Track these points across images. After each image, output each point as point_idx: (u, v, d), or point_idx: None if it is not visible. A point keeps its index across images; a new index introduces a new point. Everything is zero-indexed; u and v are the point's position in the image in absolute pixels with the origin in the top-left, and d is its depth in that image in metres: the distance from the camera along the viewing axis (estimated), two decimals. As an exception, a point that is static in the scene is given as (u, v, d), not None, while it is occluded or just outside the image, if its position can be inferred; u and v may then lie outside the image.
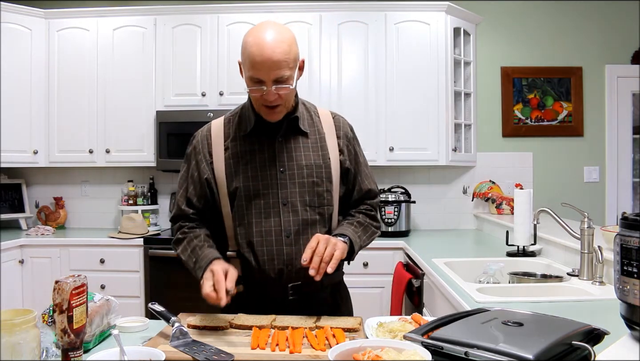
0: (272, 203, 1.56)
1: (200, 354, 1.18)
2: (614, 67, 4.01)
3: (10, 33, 3.66)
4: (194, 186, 1.61)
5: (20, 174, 4.10)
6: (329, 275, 1.59)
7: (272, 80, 1.45)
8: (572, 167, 4.04)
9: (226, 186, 1.58)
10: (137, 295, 3.46)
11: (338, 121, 1.68)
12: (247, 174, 1.56)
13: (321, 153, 1.61)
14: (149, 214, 3.89)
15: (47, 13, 3.80)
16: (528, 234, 2.61)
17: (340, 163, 1.63)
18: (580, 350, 1.00)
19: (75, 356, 1.15)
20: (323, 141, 1.62)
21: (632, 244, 1.13)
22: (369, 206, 1.69)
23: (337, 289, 1.70)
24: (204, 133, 1.66)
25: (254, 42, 1.45)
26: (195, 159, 1.63)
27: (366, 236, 1.64)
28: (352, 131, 1.71)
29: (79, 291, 1.15)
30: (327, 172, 1.60)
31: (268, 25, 1.48)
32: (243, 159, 1.58)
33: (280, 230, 1.55)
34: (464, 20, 3.82)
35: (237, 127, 1.62)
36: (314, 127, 1.64)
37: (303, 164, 1.58)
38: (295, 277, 1.55)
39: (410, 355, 1.03)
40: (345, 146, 1.65)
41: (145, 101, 3.75)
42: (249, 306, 1.54)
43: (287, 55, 1.44)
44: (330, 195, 1.60)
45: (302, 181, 1.57)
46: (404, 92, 3.67)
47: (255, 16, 3.68)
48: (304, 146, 1.60)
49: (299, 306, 1.54)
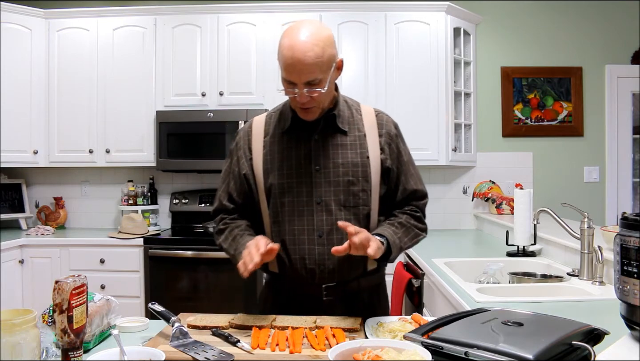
0: (306, 201, 1.54)
1: (200, 354, 1.18)
2: (614, 67, 4.01)
3: (10, 33, 3.66)
4: (235, 182, 1.63)
5: (20, 174, 4.10)
6: (366, 277, 1.60)
7: (304, 83, 1.43)
8: (572, 167, 4.04)
9: (263, 182, 1.58)
10: (137, 295, 3.46)
11: (381, 118, 1.63)
12: (283, 172, 1.56)
13: (359, 151, 1.56)
14: (149, 214, 3.89)
15: (47, 13, 3.80)
16: (528, 234, 2.61)
17: (381, 162, 1.58)
18: (580, 350, 1.00)
19: (75, 356, 1.15)
20: (363, 139, 1.58)
21: (632, 244, 1.13)
22: (415, 207, 1.63)
23: (375, 291, 1.67)
24: (246, 129, 1.67)
25: (287, 44, 1.43)
26: (236, 155, 1.65)
27: (408, 238, 1.58)
28: (397, 129, 1.65)
29: (79, 291, 1.15)
30: (364, 171, 1.55)
31: (303, 26, 1.45)
32: (280, 156, 1.57)
33: (313, 229, 1.54)
34: (464, 20, 3.82)
35: (277, 124, 1.62)
36: (354, 125, 1.60)
37: (339, 163, 1.55)
38: (329, 277, 1.54)
39: (410, 355, 1.03)
40: (387, 144, 1.59)
41: (145, 101, 3.75)
42: (285, 306, 1.55)
43: (319, 58, 1.41)
44: (367, 195, 1.56)
45: (337, 179, 1.54)
46: (404, 92, 3.67)
47: (255, 16, 3.69)
48: (342, 144, 1.57)
49: (334, 307, 1.52)
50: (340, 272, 1.53)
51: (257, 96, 3.69)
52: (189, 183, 4.09)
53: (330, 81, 1.49)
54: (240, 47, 3.71)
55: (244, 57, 3.70)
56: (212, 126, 3.64)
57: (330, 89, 1.51)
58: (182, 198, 3.97)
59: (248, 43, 3.70)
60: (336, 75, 1.53)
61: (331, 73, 1.48)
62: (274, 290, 1.66)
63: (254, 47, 3.70)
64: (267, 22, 3.69)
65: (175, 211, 3.98)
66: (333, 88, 1.56)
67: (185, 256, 3.42)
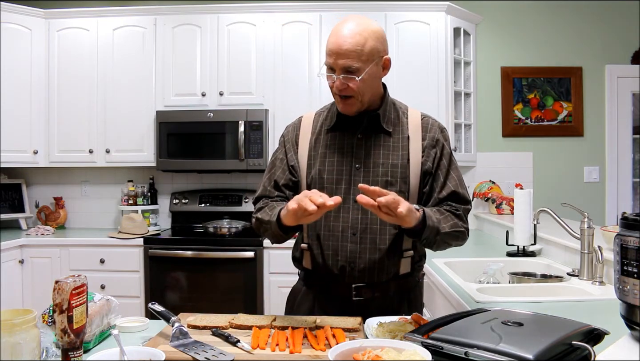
0: (344, 198, 1.53)
1: (200, 354, 1.18)
2: (614, 67, 4.01)
3: (10, 33, 3.66)
4: (282, 170, 1.64)
5: (20, 174, 4.10)
6: (398, 281, 1.58)
7: (340, 68, 1.46)
8: (572, 167, 4.04)
9: (305, 177, 1.61)
10: (137, 295, 3.46)
11: (427, 122, 1.63)
12: (324, 167, 1.58)
13: (401, 153, 1.57)
14: (149, 214, 3.89)
15: (47, 13, 3.80)
16: (528, 234, 2.61)
17: (421, 165, 1.57)
18: (580, 350, 1.00)
19: (75, 356, 1.15)
20: (406, 141, 1.59)
21: (632, 244, 1.13)
22: (455, 206, 1.57)
23: (406, 296, 1.63)
24: (296, 124, 1.70)
25: (334, 30, 1.49)
26: (284, 147, 1.67)
27: (448, 224, 1.49)
28: (443, 133, 1.63)
29: (79, 291, 1.15)
30: (403, 172, 1.56)
31: (354, 17, 1.51)
32: (323, 152, 1.60)
33: (348, 226, 1.55)
34: (464, 20, 3.82)
35: (324, 121, 1.64)
36: (399, 127, 1.61)
37: (380, 163, 1.56)
38: (359, 277, 1.54)
39: (410, 355, 1.03)
40: (430, 147, 1.59)
41: (145, 101, 3.75)
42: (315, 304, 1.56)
43: (359, 46, 1.44)
44: (404, 197, 1.51)
45: (376, 179, 1.54)
46: (403, 92, 3.64)
47: (255, 16, 3.69)
48: (385, 145, 1.58)
49: (364, 309, 1.51)
50: (371, 273, 1.54)
51: (257, 96, 3.69)
52: (189, 183, 4.09)
53: (371, 76, 1.50)
54: (240, 47, 3.71)
55: (244, 57, 3.70)
56: (212, 126, 3.64)
57: (369, 83, 1.51)
58: (182, 198, 3.97)
59: (248, 43, 3.70)
60: (380, 72, 1.55)
61: (372, 66, 1.48)
62: (306, 286, 1.67)
63: (254, 47, 3.70)
64: (267, 22, 3.69)
65: (175, 211, 3.98)
66: (375, 84, 1.56)
67: (185, 256, 3.42)
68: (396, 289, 1.59)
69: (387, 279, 1.56)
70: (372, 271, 1.54)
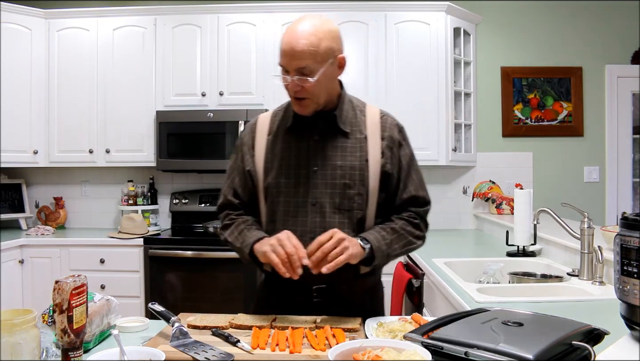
0: (302, 202, 1.52)
1: (200, 354, 1.18)
2: (614, 67, 4.01)
3: (10, 33, 3.66)
4: (239, 177, 1.62)
5: (20, 174, 4.10)
6: (358, 281, 1.58)
7: (294, 69, 1.44)
8: (572, 167, 4.04)
9: (262, 180, 1.57)
10: (137, 295, 3.46)
11: (385, 121, 1.60)
12: (281, 171, 1.55)
13: (359, 154, 1.53)
14: (149, 214, 3.89)
15: (47, 13, 3.80)
16: (528, 234, 2.61)
17: (381, 166, 1.54)
18: (580, 350, 1.00)
19: (75, 356, 1.15)
20: (364, 141, 1.55)
21: (632, 244, 1.13)
22: (414, 213, 1.57)
23: (368, 295, 1.63)
24: (251, 126, 1.66)
25: (288, 30, 1.47)
26: (241, 151, 1.64)
27: (399, 245, 1.52)
28: (401, 133, 1.60)
29: (79, 291, 1.15)
30: (361, 174, 1.52)
31: (309, 16, 1.50)
32: (280, 154, 1.56)
33: (306, 231, 1.51)
34: (463, 20, 3.82)
35: (281, 122, 1.61)
36: (356, 127, 1.56)
37: (337, 165, 1.52)
38: (319, 279, 1.51)
39: (410, 355, 1.03)
40: (389, 148, 1.56)
41: (145, 101, 3.75)
42: (275, 308, 1.53)
43: (313, 47, 1.42)
44: (363, 199, 1.52)
45: (334, 182, 1.52)
46: (404, 93, 3.66)
47: (255, 16, 3.69)
48: (342, 146, 1.54)
49: (325, 310, 1.50)
50: (330, 274, 1.50)
51: (257, 96, 3.69)
52: (189, 183, 4.09)
53: (327, 76, 1.47)
54: (240, 47, 3.71)
55: (244, 57, 3.70)
56: (212, 126, 3.64)
57: (325, 84, 1.48)
58: (182, 198, 3.97)
59: (248, 43, 3.70)
60: (336, 72, 1.52)
61: (327, 66, 1.46)
62: (267, 290, 1.65)
63: (254, 47, 3.70)
64: (267, 22, 3.69)
65: (175, 211, 3.98)
66: (330, 84, 1.53)
67: (185, 256, 3.42)
68: (357, 289, 1.58)
69: (347, 280, 1.55)
70: (332, 273, 1.49)
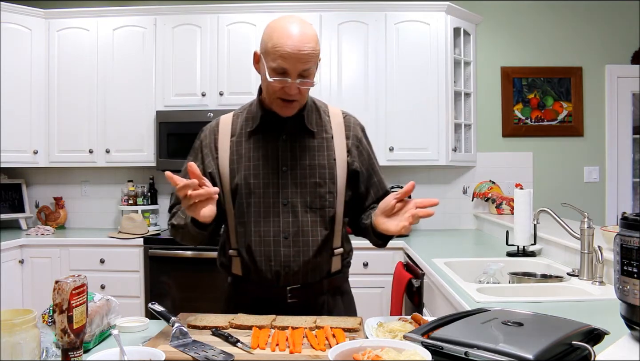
0: (273, 202, 1.53)
1: (200, 354, 1.18)
2: (614, 67, 4.01)
3: (10, 33, 3.66)
4: None
5: (20, 174, 4.10)
6: (329, 279, 1.59)
7: (298, 73, 1.43)
8: (572, 167, 4.04)
9: (229, 182, 1.56)
10: (137, 295, 3.46)
11: (348, 121, 1.63)
12: (249, 172, 1.54)
13: (327, 153, 1.56)
14: (149, 214, 3.89)
15: (47, 13, 3.80)
16: (528, 234, 2.61)
17: (348, 165, 1.57)
18: (580, 350, 1.00)
19: (75, 356, 1.15)
20: (330, 140, 1.57)
21: (632, 244, 1.13)
22: None
23: (339, 292, 1.65)
24: (212, 127, 1.64)
25: (284, 33, 1.43)
26: (201, 153, 1.61)
27: None
28: (364, 132, 1.66)
29: (79, 291, 1.15)
30: (330, 173, 1.55)
31: (294, 18, 1.48)
32: (247, 155, 1.56)
33: (279, 231, 1.52)
34: (464, 20, 3.82)
35: (245, 123, 1.60)
36: (322, 127, 1.59)
37: (307, 164, 1.54)
38: (294, 280, 1.53)
39: (410, 355, 1.03)
40: (355, 147, 1.60)
41: (145, 101, 3.75)
42: (248, 308, 1.52)
43: (315, 51, 1.44)
44: (333, 197, 1.55)
45: (304, 181, 1.53)
46: (404, 92, 3.67)
47: (255, 16, 3.69)
48: (310, 146, 1.56)
49: (299, 310, 1.51)
50: (305, 274, 1.53)
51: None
52: (189, 183, 4.08)
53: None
54: (240, 47, 3.70)
55: (244, 57, 3.70)
56: (212, 126, 3.63)
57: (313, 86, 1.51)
58: (182, 198, 3.96)
59: (248, 43, 3.70)
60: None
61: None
62: (236, 293, 1.63)
63: (254, 47, 3.68)
64: (267, 22, 3.68)
65: (175, 211, 3.97)
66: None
67: (185, 256, 3.42)
68: (329, 287, 1.59)
69: (320, 278, 1.57)
70: (306, 273, 1.52)
